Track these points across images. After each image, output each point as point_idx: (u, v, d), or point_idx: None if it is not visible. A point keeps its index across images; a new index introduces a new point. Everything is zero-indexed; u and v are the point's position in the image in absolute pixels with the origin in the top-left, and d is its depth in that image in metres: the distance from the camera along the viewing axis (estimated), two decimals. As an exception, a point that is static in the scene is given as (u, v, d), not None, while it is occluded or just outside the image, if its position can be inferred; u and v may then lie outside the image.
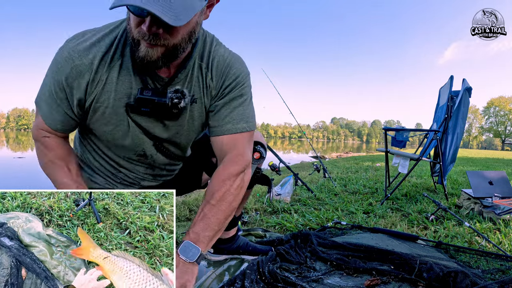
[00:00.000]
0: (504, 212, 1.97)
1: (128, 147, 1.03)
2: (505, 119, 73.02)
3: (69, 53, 0.87)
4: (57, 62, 0.89)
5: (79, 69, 0.88)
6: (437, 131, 2.83)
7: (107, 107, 0.93)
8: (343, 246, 1.38)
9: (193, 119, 1.03)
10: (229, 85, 1.00)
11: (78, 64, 0.87)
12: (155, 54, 0.82)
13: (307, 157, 14.63)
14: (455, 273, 1.05)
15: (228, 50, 1.04)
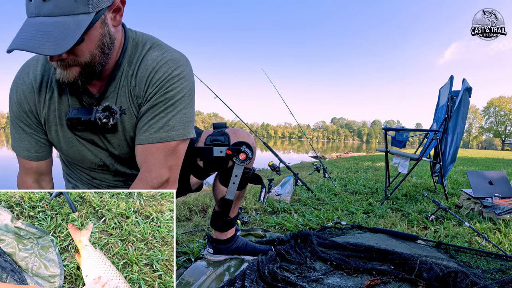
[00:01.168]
0: (504, 212, 1.97)
1: (87, 160, 1.04)
2: (505, 119, 73.01)
3: (16, 82, 0.96)
4: (10, 96, 0.97)
5: (25, 93, 0.95)
6: (437, 131, 2.83)
7: (56, 125, 0.98)
8: (343, 246, 1.38)
9: (125, 130, 0.97)
10: (152, 91, 0.91)
11: (23, 89, 0.95)
12: (71, 75, 0.83)
13: (307, 157, 14.62)
14: (455, 273, 1.05)
15: (163, 52, 0.94)
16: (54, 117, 0.97)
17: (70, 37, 0.72)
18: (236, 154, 1.16)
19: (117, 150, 1.03)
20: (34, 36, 0.70)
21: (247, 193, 2.81)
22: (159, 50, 0.95)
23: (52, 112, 0.96)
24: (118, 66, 0.92)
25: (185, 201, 2.48)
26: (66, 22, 0.72)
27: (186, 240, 1.59)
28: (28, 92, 0.94)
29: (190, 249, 1.44)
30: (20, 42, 0.69)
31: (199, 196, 2.67)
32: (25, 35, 0.70)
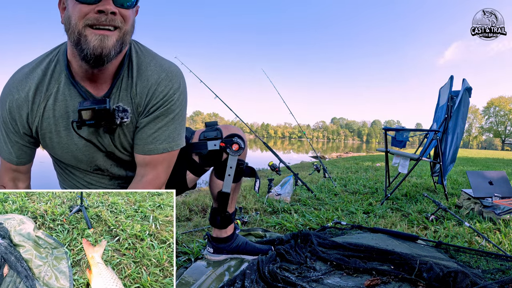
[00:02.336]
0: (504, 212, 1.97)
1: (83, 164, 1.05)
2: (505, 119, 73.01)
3: (9, 89, 0.95)
4: (1, 99, 0.96)
5: (18, 103, 0.94)
6: (437, 131, 2.83)
7: (51, 132, 0.98)
8: (343, 246, 1.38)
9: (123, 133, 1.00)
10: (156, 103, 0.97)
11: (17, 98, 0.94)
12: (110, 42, 0.82)
13: (307, 157, 14.63)
14: (455, 273, 1.05)
15: (160, 63, 0.99)
16: (48, 124, 0.97)
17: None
18: (229, 146, 1.21)
19: (116, 151, 1.04)
20: None
21: (247, 193, 2.81)
22: (155, 60, 1.00)
23: (46, 120, 0.97)
24: (121, 67, 0.96)
25: (185, 201, 2.48)
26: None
27: (186, 240, 1.59)
28: (21, 102, 0.94)
29: (190, 249, 1.44)
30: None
31: (199, 196, 2.67)
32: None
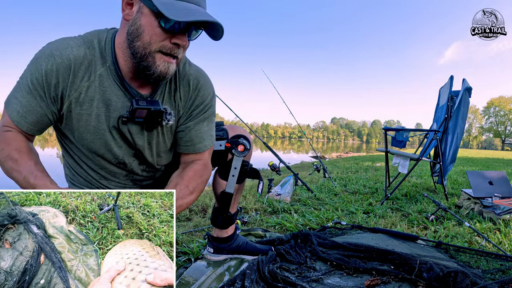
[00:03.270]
0: (504, 212, 1.97)
1: (111, 154, 1.02)
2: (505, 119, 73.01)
3: (51, 51, 0.87)
4: (37, 59, 0.87)
5: (59, 67, 0.87)
6: (437, 131, 2.83)
7: (90, 114, 0.93)
8: (343, 246, 1.38)
9: (161, 133, 1.04)
10: (198, 107, 1.05)
11: (59, 62, 0.87)
12: (172, 68, 0.88)
13: (307, 157, 14.62)
14: (455, 273, 1.05)
15: (196, 69, 1.06)
16: (89, 105, 0.92)
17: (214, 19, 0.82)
18: (234, 146, 1.22)
19: (145, 151, 1.04)
20: (202, 13, 0.81)
21: (247, 193, 2.81)
22: (192, 66, 1.06)
23: (88, 100, 0.91)
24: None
25: (185, 201, 2.48)
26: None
27: (186, 240, 1.59)
28: (63, 68, 0.87)
29: (190, 249, 1.44)
30: (197, 15, 0.79)
31: (199, 196, 2.66)
32: (196, 12, 0.79)
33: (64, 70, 0.88)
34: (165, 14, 0.76)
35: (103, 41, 0.92)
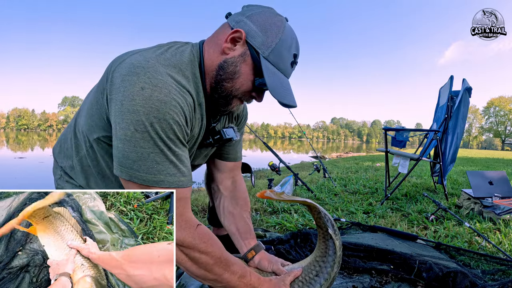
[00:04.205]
0: (504, 212, 1.97)
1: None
2: (505, 119, 73.06)
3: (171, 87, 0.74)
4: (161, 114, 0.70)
5: (189, 103, 0.80)
6: (437, 131, 2.83)
7: (195, 143, 0.94)
8: (343, 245, 1.38)
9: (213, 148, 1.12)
10: (244, 121, 1.18)
11: (188, 101, 0.80)
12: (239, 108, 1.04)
13: (307, 157, 14.63)
14: (454, 273, 1.06)
15: None
16: (199, 134, 0.92)
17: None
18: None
19: (195, 162, 1.07)
20: (293, 97, 0.85)
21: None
22: None
23: (201, 130, 0.92)
24: None
25: (185, 201, 2.48)
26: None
27: (186, 240, 1.59)
28: (191, 103, 0.81)
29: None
30: (289, 97, 0.83)
31: (199, 196, 2.67)
32: (288, 92, 0.84)
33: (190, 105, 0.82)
34: (269, 88, 0.78)
35: (192, 68, 0.84)
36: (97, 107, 0.80)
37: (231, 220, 1.11)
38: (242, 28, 0.80)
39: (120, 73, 0.72)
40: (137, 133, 0.68)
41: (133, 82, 0.69)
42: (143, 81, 0.70)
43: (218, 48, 0.84)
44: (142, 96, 0.68)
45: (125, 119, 0.69)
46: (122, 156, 0.70)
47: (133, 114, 0.68)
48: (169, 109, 0.70)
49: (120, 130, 0.70)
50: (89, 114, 0.83)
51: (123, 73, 0.72)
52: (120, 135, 0.70)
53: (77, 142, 0.91)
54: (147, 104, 0.68)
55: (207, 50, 0.86)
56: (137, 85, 0.69)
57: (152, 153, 0.70)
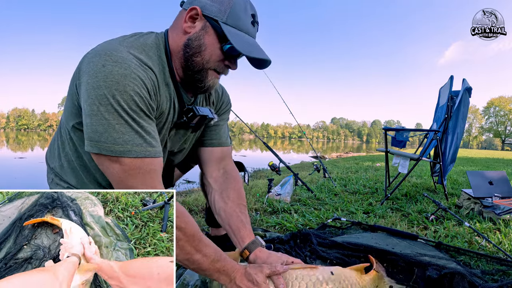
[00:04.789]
0: (504, 212, 1.97)
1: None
2: (505, 119, 73.03)
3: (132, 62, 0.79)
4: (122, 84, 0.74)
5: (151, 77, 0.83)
6: (437, 131, 2.83)
7: (170, 122, 0.96)
8: (343, 245, 1.38)
9: (195, 134, 1.11)
10: (223, 109, 1.16)
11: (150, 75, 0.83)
12: (216, 83, 0.96)
13: (307, 157, 14.61)
14: (451, 274, 1.05)
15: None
16: (168, 114, 0.93)
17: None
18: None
19: (175, 150, 1.07)
20: (261, 50, 0.89)
21: (247, 193, 2.81)
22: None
23: (171, 110, 0.93)
24: None
25: (185, 201, 2.48)
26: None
27: (186, 240, 1.59)
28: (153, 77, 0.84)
29: (190, 249, 1.44)
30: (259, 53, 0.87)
31: (199, 196, 2.67)
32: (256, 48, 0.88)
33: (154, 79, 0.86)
34: (235, 46, 0.82)
35: (158, 49, 0.89)
36: (70, 97, 0.84)
37: (223, 217, 1.07)
38: (196, 5, 0.86)
39: (86, 58, 0.78)
40: (101, 106, 0.72)
41: (96, 62, 0.74)
42: (104, 59, 0.74)
43: (179, 31, 0.89)
44: (104, 72, 0.73)
45: (90, 96, 0.73)
46: (90, 131, 0.74)
47: (97, 90, 0.72)
48: (129, 81, 0.74)
49: (87, 107, 0.74)
50: (66, 106, 0.87)
51: (88, 58, 0.77)
52: (87, 111, 0.74)
53: (62, 139, 0.94)
54: (107, 79, 0.72)
55: (170, 35, 0.91)
56: (99, 64, 0.74)
57: (117, 124, 0.73)
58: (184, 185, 4.57)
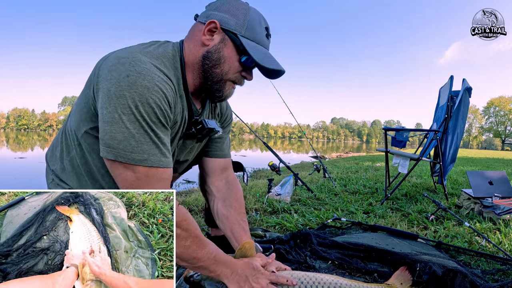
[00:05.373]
0: (504, 212, 1.97)
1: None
2: (505, 119, 73.03)
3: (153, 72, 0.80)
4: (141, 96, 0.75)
5: (168, 89, 0.84)
6: (437, 131, 2.83)
7: (180, 131, 0.99)
8: (343, 245, 1.38)
9: (200, 143, 1.13)
10: (227, 119, 1.20)
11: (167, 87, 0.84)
12: (232, 93, 0.99)
13: (307, 157, 14.61)
14: (454, 272, 1.05)
15: None
16: (180, 124, 0.96)
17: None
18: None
19: (181, 157, 1.09)
20: (277, 62, 0.94)
21: (247, 193, 2.81)
22: None
23: (182, 120, 0.96)
24: None
25: (185, 201, 2.48)
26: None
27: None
28: (171, 88, 0.85)
29: (190, 249, 1.44)
30: (276, 64, 0.92)
31: (199, 196, 2.67)
32: (273, 60, 0.93)
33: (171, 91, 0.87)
34: (255, 58, 0.86)
35: (174, 61, 0.91)
36: (85, 101, 0.84)
37: (225, 224, 1.12)
38: (214, 19, 0.88)
39: (107, 65, 0.78)
40: (124, 115, 0.74)
41: (119, 70, 0.75)
42: (128, 69, 0.75)
43: (197, 43, 0.91)
44: (128, 82, 0.74)
45: (112, 103, 0.74)
46: (108, 138, 0.75)
47: (120, 99, 0.73)
48: (152, 94, 0.76)
49: (107, 114, 0.75)
50: (78, 110, 0.88)
51: (109, 65, 0.77)
52: (107, 118, 0.75)
53: (67, 143, 0.94)
54: (132, 90, 0.74)
55: (186, 46, 0.93)
56: (123, 73, 0.75)
57: (137, 134, 0.75)
58: (184, 185, 4.57)
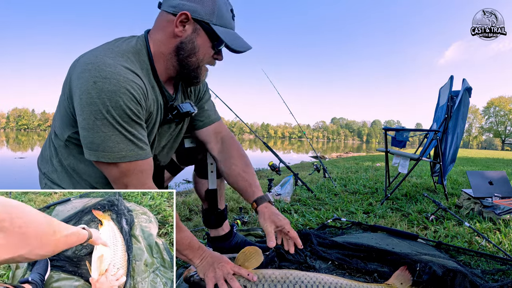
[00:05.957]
0: (504, 212, 1.97)
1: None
2: (505, 119, 72.97)
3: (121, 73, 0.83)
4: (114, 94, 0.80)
5: (140, 87, 0.87)
6: (437, 131, 2.82)
7: (158, 121, 1.01)
8: (343, 245, 1.38)
9: (181, 128, 1.15)
10: (203, 89, 1.20)
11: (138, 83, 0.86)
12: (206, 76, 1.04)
13: (307, 157, 14.61)
14: (454, 272, 1.05)
15: None
16: (157, 114, 0.99)
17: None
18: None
19: (162, 142, 1.10)
20: (246, 43, 0.99)
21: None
22: None
23: (158, 110, 0.99)
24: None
25: (185, 201, 2.48)
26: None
27: (186, 240, 1.59)
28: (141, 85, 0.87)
29: (190, 249, 1.44)
30: (245, 45, 0.98)
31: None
32: (242, 41, 0.98)
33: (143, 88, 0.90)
34: (229, 45, 0.93)
35: (139, 52, 0.93)
36: (63, 105, 0.89)
37: (231, 182, 1.17)
38: (183, 9, 0.90)
39: (76, 72, 0.82)
40: (97, 121, 0.80)
41: (86, 78, 0.79)
42: (94, 75, 0.79)
43: (168, 34, 0.93)
44: (96, 89, 0.78)
45: (85, 111, 0.80)
46: (88, 142, 0.83)
47: (91, 106, 0.79)
48: (120, 97, 0.80)
49: (83, 121, 0.81)
50: (59, 116, 0.92)
51: (77, 72, 0.82)
52: (83, 125, 0.81)
53: (55, 145, 0.98)
54: (100, 96, 0.79)
55: (153, 38, 0.95)
56: (90, 80, 0.79)
57: (113, 135, 0.82)
58: (184, 185, 4.57)
